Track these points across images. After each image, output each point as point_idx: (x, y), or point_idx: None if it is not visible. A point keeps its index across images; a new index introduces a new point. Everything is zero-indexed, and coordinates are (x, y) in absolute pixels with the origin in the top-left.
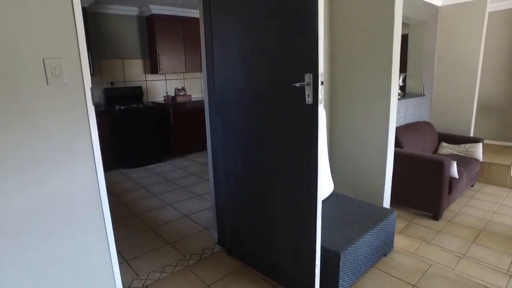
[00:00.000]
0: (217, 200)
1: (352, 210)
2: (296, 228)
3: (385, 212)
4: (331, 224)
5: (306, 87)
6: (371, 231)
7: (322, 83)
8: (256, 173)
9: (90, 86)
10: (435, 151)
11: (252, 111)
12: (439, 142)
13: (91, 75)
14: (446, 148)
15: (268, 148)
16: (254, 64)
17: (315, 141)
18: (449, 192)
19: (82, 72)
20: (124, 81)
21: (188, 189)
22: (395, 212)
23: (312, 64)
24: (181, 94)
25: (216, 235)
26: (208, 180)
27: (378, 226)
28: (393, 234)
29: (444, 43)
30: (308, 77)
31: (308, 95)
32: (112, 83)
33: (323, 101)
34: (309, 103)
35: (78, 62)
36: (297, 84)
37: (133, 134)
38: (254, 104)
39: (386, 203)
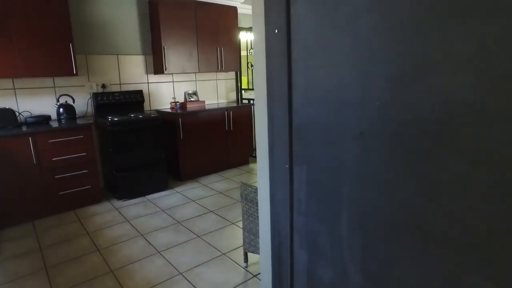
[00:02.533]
0: None
1: None
2: None
3: None
4: None
5: None
6: None
7: None
8: None
9: None
10: None
11: (424, 165)
12: None
13: (73, 75)
14: None
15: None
16: (444, 33)
17: None
18: None
19: None
20: (120, 84)
21: (207, 239)
22: None
23: None
24: (192, 100)
25: None
26: (235, 224)
27: None
28: None
29: None
30: None
31: None
32: (103, 86)
33: None
34: None
35: None
36: None
37: (131, 153)
38: (429, 147)
39: None
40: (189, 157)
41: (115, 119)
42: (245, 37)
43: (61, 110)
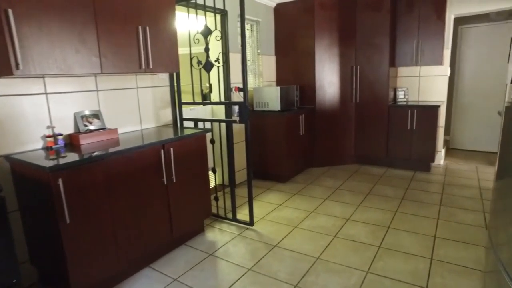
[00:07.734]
0: None
1: None
2: None
3: None
4: None
5: None
6: None
7: None
8: None
9: None
10: None
11: None
12: None
13: None
14: None
15: None
16: None
17: None
18: None
19: None
20: None
21: None
22: None
23: None
24: (91, 128)
25: None
26: None
27: None
28: None
29: None
30: None
31: None
32: None
33: None
34: None
35: None
36: None
37: None
38: None
39: None
40: (88, 253)
41: None
42: (184, 22)
43: None
